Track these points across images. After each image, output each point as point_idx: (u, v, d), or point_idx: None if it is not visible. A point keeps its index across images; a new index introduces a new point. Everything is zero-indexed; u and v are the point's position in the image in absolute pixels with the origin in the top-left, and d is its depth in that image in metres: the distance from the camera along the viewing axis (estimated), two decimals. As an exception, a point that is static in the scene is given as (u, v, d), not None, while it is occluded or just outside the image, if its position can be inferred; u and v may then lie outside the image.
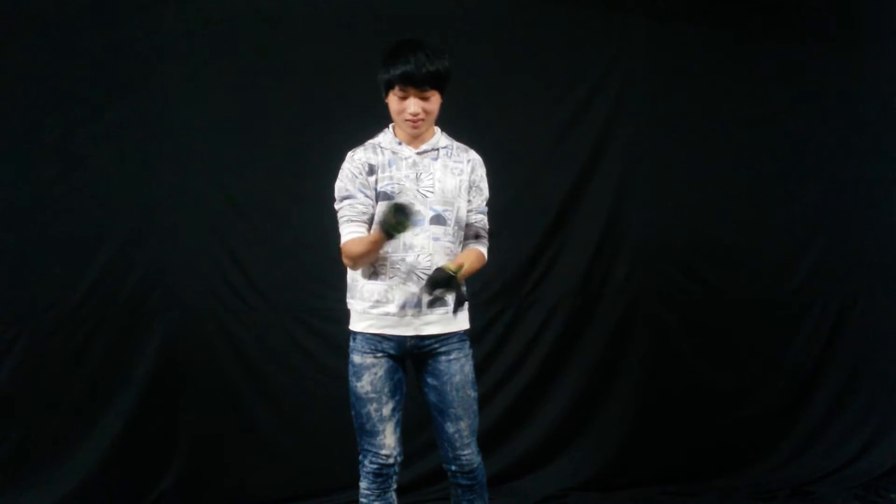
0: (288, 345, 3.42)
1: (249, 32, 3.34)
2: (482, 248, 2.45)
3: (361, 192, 2.29)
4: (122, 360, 3.23)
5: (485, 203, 2.45)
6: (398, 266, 2.29)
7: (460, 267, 2.21)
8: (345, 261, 2.32)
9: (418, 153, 2.35)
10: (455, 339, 2.37)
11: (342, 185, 2.32)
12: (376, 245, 2.20)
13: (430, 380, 2.38)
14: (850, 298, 4.13)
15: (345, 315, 3.36)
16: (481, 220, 2.45)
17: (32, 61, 3.12)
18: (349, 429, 3.28)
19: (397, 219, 2.08)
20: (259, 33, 3.35)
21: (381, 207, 2.22)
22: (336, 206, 2.34)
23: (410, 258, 2.29)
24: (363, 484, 2.35)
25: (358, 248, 2.25)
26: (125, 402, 3.22)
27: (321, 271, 3.42)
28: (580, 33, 3.75)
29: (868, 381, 4.14)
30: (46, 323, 3.15)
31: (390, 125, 2.39)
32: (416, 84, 2.23)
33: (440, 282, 2.17)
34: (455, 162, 2.38)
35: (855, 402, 4.12)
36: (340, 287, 3.40)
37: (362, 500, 2.36)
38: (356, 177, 2.30)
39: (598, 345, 3.79)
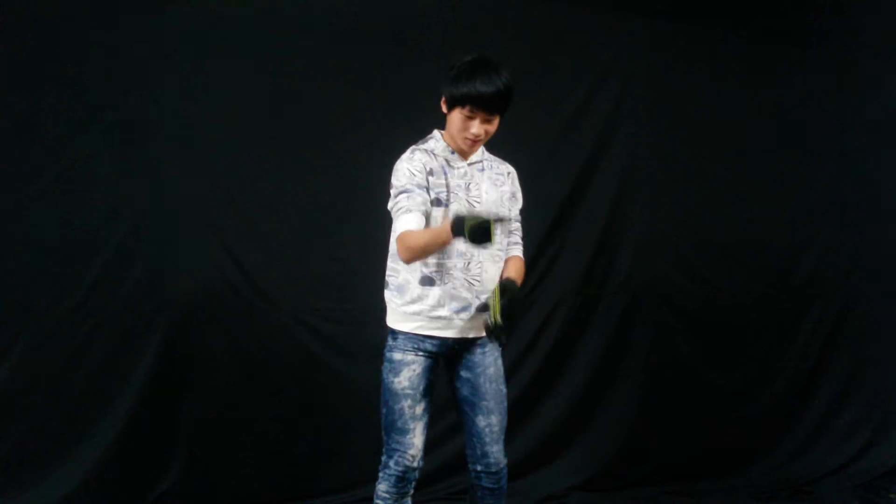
0: (288, 345, 3.42)
1: (249, 32, 3.34)
2: (520, 253, 2.55)
3: (420, 187, 2.30)
4: (122, 360, 3.22)
5: (519, 211, 2.56)
6: (452, 272, 2.34)
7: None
8: (400, 250, 2.28)
9: (469, 164, 2.41)
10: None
11: (399, 182, 2.33)
12: (441, 245, 2.21)
13: (463, 373, 2.42)
14: (850, 298, 4.13)
15: (345, 315, 3.40)
16: (517, 227, 2.55)
17: (32, 61, 3.11)
18: (350, 428, 3.30)
19: (480, 231, 2.07)
20: (259, 33, 3.35)
21: (470, 214, 2.18)
22: (390, 204, 2.35)
23: (461, 265, 2.35)
24: (382, 486, 2.36)
25: (421, 242, 2.24)
26: (125, 402, 3.22)
27: (321, 271, 3.43)
28: (581, 33, 3.75)
29: (868, 381, 4.15)
30: (46, 323, 3.15)
31: (436, 131, 2.44)
32: (486, 108, 2.27)
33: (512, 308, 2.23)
34: (497, 174, 2.48)
35: (855, 402, 4.12)
36: (341, 287, 3.43)
37: (378, 501, 2.36)
38: (415, 175, 2.31)
39: (598, 345, 3.79)
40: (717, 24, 3.91)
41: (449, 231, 2.13)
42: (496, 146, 2.55)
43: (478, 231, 2.08)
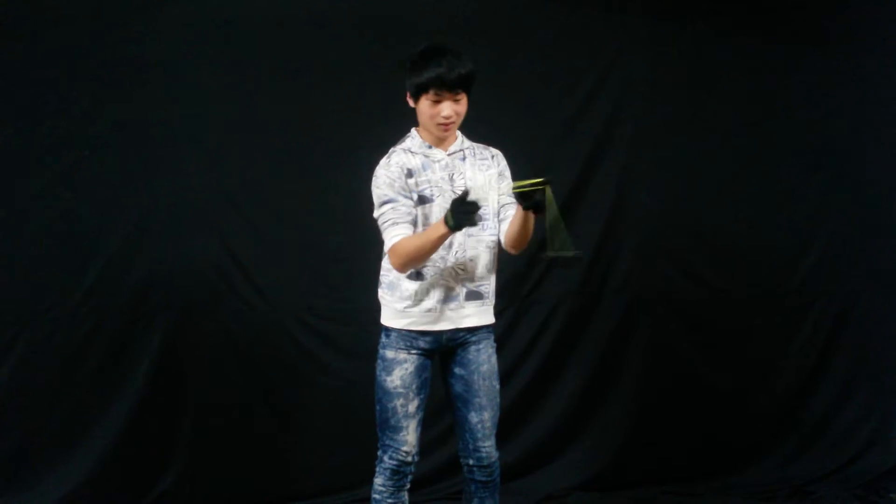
0: (288, 345, 3.42)
1: (249, 33, 3.34)
2: None
3: (402, 195, 2.31)
4: (122, 360, 3.23)
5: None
6: (438, 264, 2.34)
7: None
8: (394, 262, 2.28)
9: (449, 154, 2.39)
10: (484, 331, 2.45)
11: (380, 191, 2.32)
12: (440, 240, 2.21)
13: (457, 370, 2.43)
14: (850, 298, 4.13)
15: (345, 315, 3.41)
16: (512, 203, 2.45)
17: (33, 61, 3.12)
18: (349, 428, 3.30)
19: (466, 209, 2.10)
20: (259, 34, 3.35)
21: (448, 203, 2.24)
22: (376, 213, 2.34)
23: (450, 255, 2.35)
24: (378, 480, 2.38)
25: (414, 246, 2.24)
26: (125, 402, 3.22)
27: (321, 271, 3.43)
28: (581, 33, 3.75)
29: (868, 381, 4.14)
30: (46, 323, 3.15)
31: (413, 130, 2.42)
32: (450, 87, 2.27)
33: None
34: (480, 159, 2.45)
35: (855, 402, 4.11)
36: (340, 287, 3.43)
37: (375, 496, 2.38)
38: (394, 181, 2.31)
39: (598, 345, 3.78)
40: (718, 24, 3.91)
41: (442, 225, 2.16)
42: (497, 146, 2.54)
43: (459, 208, 2.10)
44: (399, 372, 2.35)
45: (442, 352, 2.44)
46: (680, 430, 3.84)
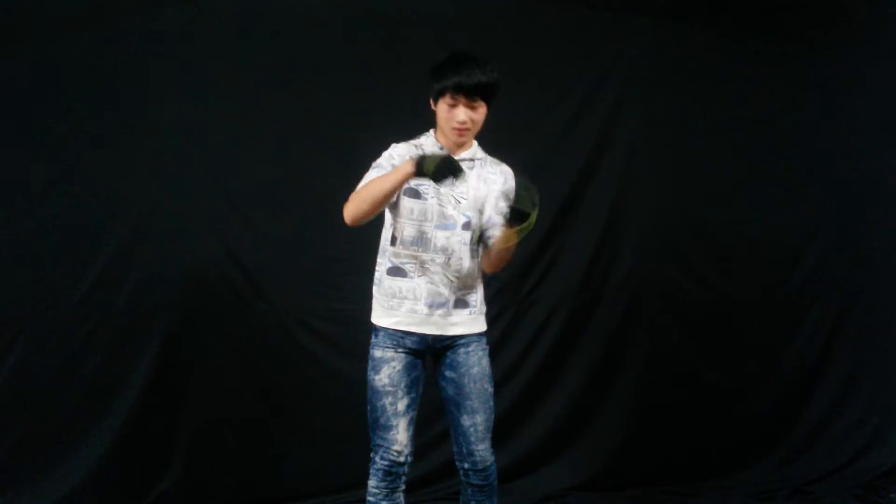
0: (288, 345, 3.42)
1: (249, 32, 3.34)
2: None
3: (392, 167, 2.32)
4: (122, 360, 3.23)
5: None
6: (428, 266, 2.36)
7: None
8: (348, 205, 2.29)
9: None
10: (473, 336, 2.44)
11: (376, 161, 2.38)
12: (399, 180, 2.20)
13: (448, 372, 2.43)
14: (850, 298, 4.13)
15: (344, 315, 3.40)
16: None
17: (32, 61, 3.12)
18: (349, 429, 3.30)
19: (443, 165, 2.12)
20: (259, 33, 3.35)
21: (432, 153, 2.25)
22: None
23: (440, 260, 2.36)
24: (372, 482, 2.39)
25: (370, 185, 2.25)
26: (125, 402, 3.22)
27: (321, 271, 3.43)
28: (581, 33, 3.75)
29: (868, 381, 4.14)
30: (46, 323, 3.15)
31: (431, 130, 2.45)
32: (467, 94, 2.30)
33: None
34: (489, 173, 2.47)
35: (855, 402, 4.12)
36: (341, 287, 3.43)
37: (370, 498, 2.39)
38: (393, 158, 2.37)
39: (598, 345, 3.79)
40: (718, 24, 3.91)
41: (410, 166, 2.16)
42: (497, 145, 2.55)
43: (443, 165, 2.12)
44: (387, 370, 2.36)
45: (432, 353, 2.44)
46: (680, 430, 3.84)
